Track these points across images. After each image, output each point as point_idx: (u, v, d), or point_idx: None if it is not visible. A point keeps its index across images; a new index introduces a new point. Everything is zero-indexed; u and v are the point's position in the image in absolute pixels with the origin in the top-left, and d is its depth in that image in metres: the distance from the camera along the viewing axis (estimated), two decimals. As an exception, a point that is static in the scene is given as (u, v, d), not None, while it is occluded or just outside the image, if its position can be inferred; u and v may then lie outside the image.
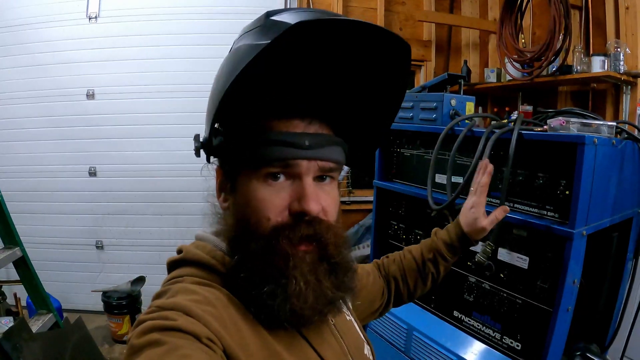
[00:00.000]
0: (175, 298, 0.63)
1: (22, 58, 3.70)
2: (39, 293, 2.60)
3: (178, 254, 0.75)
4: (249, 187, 0.69)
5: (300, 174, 0.68)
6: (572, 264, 1.35)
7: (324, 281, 0.68)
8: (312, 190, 0.68)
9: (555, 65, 2.98)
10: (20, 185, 3.81)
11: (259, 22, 0.64)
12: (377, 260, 1.22)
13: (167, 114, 3.69)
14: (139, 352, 0.55)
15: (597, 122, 1.44)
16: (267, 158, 0.67)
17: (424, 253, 1.18)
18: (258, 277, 0.66)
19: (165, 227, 3.83)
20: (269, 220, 0.67)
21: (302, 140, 0.68)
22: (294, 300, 0.65)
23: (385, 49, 0.69)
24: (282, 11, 0.63)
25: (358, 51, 0.70)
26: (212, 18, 3.65)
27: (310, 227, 0.68)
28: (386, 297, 1.15)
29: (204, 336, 0.57)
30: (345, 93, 0.77)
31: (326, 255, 0.70)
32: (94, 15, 3.67)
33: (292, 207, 0.68)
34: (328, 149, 0.71)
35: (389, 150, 2.12)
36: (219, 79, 0.68)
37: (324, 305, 0.68)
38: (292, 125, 0.70)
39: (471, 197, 1.21)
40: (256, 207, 0.68)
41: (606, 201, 1.49)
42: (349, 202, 3.90)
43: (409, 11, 4.08)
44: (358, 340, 0.89)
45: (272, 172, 0.68)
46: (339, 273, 0.71)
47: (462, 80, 2.00)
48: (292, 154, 0.67)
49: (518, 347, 1.55)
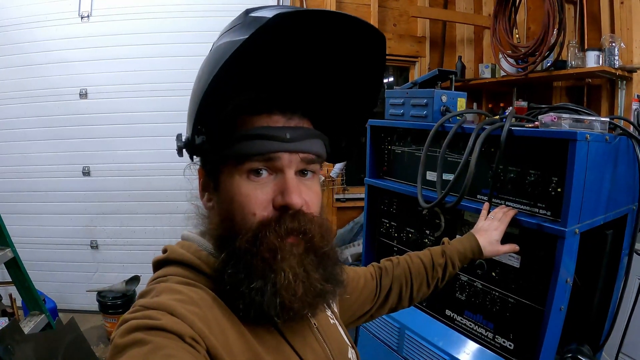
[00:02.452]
0: (160, 297, 0.62)
1: (14, 58, 3.69)
2: (31, 294, 2.58)
3: (163, 253, 0.75)
4: (232, 183, 0.70)
5: (283, 168, 0.69)
6: (565, 262, 1.34)
7: (313, 273, 0.69)
8: (294, 184, 0.69)
9: (549, 61, 2.96)
10: (14, 185, 3.80)
11: (239, 19, 0.65)
12: (376, 263, 1.21)
13: (161, 112, 3.67)
14: (123, 351, 0.54)
15: (590, 118, 1.42)
16: (249, 152, 0.68)
17: (435, 258, 1.21)
18: (245, 272, 0.66)
19: (160, 226, 3.82)
20: (255, 215, 0.68)
21: (283, 134, 0.68)
22: (283, 293, 0.65)
23: (361, 40, 0.70)
24: (261, 8, 0.63)
25: (334, 43, 0.71)
26: (205, 16, 3.63)
27: (295, 220, 0.68)
28: (378, 303, 1.14)
29: (187, 336, 0.57)
30: (323, 86, 0.79)
31: (313, 247, 0.70)
32: (86, 14, 3.65)
33: (276, 201, 0.68)
34: (309, 142, 0.71)
35: (380, 147, 2.10)
36: (200, 79, 0.68)
37: (314, 298, 0.69)
38: (272, 120, 0.70)
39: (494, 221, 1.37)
40: (241, 203, 0.68)
41: (599, 198, 1.47)
42: (344, 199, 3.88)
43: (402, 7, 4.06)
44: (342, 344, 0.88)
45: (255, 167, 0.68)
46: (327, 264, 0.72)
47: (453, 76, 1.98)
48: (273, 147, 0.68)
49: (511, 346, 1.53)
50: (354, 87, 0.80)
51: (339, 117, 0.83)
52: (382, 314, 1.18)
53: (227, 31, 0.67)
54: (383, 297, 1.15)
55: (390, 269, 1.18)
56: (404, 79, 4.37)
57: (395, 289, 1.16)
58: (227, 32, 0.66)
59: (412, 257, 1.22)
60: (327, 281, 0.71)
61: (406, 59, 4.16)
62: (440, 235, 1.77)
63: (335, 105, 0.81)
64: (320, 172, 0.78)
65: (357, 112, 0.85)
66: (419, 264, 1.20)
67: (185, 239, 0.77)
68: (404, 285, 1.17)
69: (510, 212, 1.41)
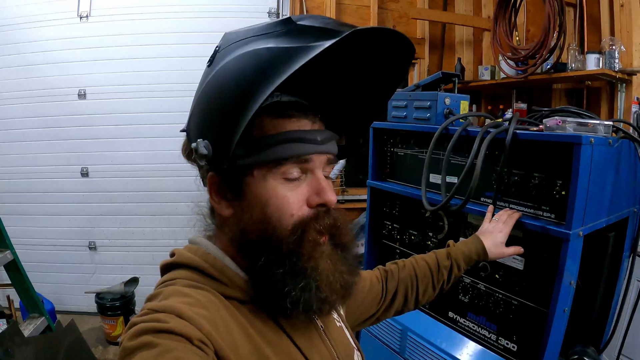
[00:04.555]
0: (168, 300, 0.63)
1: (13, 58, 3.66)
2: (30, 296, 2.56)
3: (171, 257, 0.75)
4: (265, 187, 0.70)
5: (314, 169, 0.72)
6: (569, 264, 1.34)
7: (341, 267, 0.73)
8: (327, 183, 0.73)
9: (549, 63, 2.96)
10: (12, 186, 3.78)
11: (281, 26, 0.65)
12: (382, 266, 1.22)
13: (160, 113, 3.65)
14: (132, 354, 0.55)
15: (594, 121, 1.43)
16: (284, 156, 0.69)
17: (440, 260, 1.22)
18: (291, 273, 0.68)
19: (159, 227, 3.80)
20: (292, 216, 0.70)
21: (314, 136, 0.72)
22: (325, 288, 0.69)
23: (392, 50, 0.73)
24: (304, 17, 0.65)
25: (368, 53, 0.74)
26: (205, 17, 3.61)
27: (331, 216, 0.73)
28: (384, 306, 1.14)
29: (196, 338, 0.57)
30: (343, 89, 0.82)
31: (341, 242, 0.75)
32: (85, 14, 3.62)
33: (312, 201, 0.71)
34: (332, 144, 0.76)
35: (383, 149, 2.10)
36: (239, 87, 0.64)
37: (344, 290, 0.73)
38: (302, 124, 0.73)
39: (499, 223, 1.37)
40: (278, 205, 0.69)
41: (602, 201, 1.48)
42: (343, 200, 3.87)
43: (402, 8, 4.05)
44: (348, 346, 0.88)
45: (290, 169, 0.70)
46: (349, 258, 0.76)
47: (456, 78, 1.99)
48: (308, 149, 0.70)
49: (514, 348, 1.54)
50: (373, 91, 0.83)
51: (350, 117, 0.85)
52: (388, 317, 1.19)
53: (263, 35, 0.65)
54: (389, 300, 1.15)
55: (396, 272, 1.18)
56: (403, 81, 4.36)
57: (400, 292, 1.16)
58: (264, 38, 0.64)
59: (418, 259, 1.22)
60: (352, 274, 0.75)
61: (405, 61, 4.15)
62: (444, 237, 1.78)
63: (349, 107, 0.84)
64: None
65: (368, 113, 0.87)
66: (424, 267, 1.20)
67: (192, 243, 0.77)
68: (409, 288, 1.17)
69: (515, 214, 1.42)
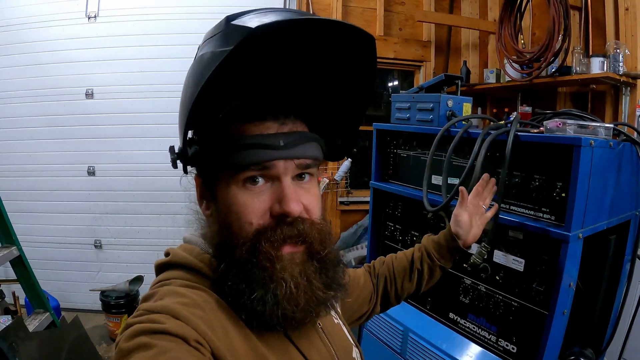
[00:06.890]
0: (163, 301, 0.62)
1: (21, 57, 3.70)
2: (36, 292, 2.59)
3: (166, 257, 0.74)
4: (228, 193, 0.69)
5: (279, 175, 0.68)
6: (568, 266, 1.35)
7: (315, 282, 0.68)
8: (291, 191, 0.68)
9: (554, 66, 2.96)
10: (19, 184, 3.82)
11: (220, 27, 0.63)
12: (367, 264, 1.23)
13: (166, 113, 3.65)
14: (128, 355, 0.55)
15: (595, 124, 1.43)
16: (243, 163, 0.66)
17: (415, 252, 1.21)
18: (246, 283, 0.65)
19: (164, 226, 3.82)
20: (251, 224, 0.67)
21: (276, 141, 0.67)
22: (285, 304, 0.65)
23: (351, 42, 0.68)
24: (242, 14, 0.62)
25: (323, 46, 0.70)
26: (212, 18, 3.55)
27: (293, 227, 0.67)
28: (374, 302, 1.16)
29: (192, 339, 0.57)
30: (316, 87, 0.78)
31: (313, 253, 0.69)
32: (93, 14, 3.67)
33: (273, 210, 0.68)
34: (303, 147, 0.70)
35: (386, 150, 2.11)
36: (187, 89, 0.68)
37: (316, 306, 0.68)
38: (265, 127, 0.69)
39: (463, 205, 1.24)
40: (237, 212, 0.68)
41: (603, 204, 1.48)
42: (348, 202, 3.88)
43: (408, 11, 4.07)
44: (346, 343, 0.88)
45: (250, 176, 0.67)
46: (328, 270, 0.71)
47: (459, 81, 1.99)
48: (267, 155, 0.66)
49: (514, 349, 1.54)
50: (347, 87, 0.78)
51: (333, 117, 0.82)
52: (377, 312, 1.19)
53: (208, 39, 0.65)
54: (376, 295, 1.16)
55: (377, 267, 1.20)
56: (408, 83, 4.38)
57: (380, 285, 1.17)
58: (208, 41, 0.65)
59: (399, 254, 1.23)
60: (329, 287, 0.70)
61: (411, 63, 4.17)
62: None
63: (329, 106, 0.80)
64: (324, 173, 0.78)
65: (351, 111, 0.83)
66: (401, 259, 1.20)
67: (187, 242, 0.77)
68: (388, 281, 1.18)
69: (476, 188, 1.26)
